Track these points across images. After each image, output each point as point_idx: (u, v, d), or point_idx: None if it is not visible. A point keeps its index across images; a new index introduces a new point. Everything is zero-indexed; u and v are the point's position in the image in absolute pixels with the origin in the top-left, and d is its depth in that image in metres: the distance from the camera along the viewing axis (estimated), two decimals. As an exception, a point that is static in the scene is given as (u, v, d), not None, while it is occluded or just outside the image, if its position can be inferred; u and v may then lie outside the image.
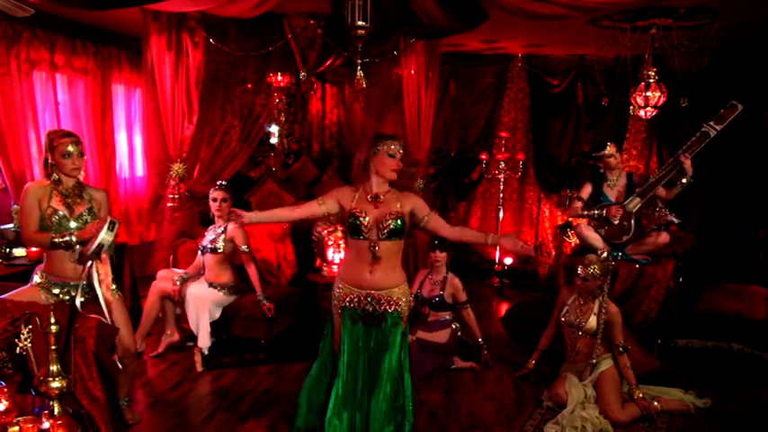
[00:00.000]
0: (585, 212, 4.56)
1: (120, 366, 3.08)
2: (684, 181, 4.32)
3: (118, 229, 2.96)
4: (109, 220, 2.88)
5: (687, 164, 4.28)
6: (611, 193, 4.59)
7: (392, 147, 2.84)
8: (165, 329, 4.42)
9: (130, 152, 6.08)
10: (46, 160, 3.05)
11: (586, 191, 4.66)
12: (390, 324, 2.89)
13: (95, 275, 2.99)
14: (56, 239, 2.96)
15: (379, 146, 2.84)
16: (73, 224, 3.01)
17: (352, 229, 2.85)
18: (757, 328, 4.51)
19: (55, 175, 3.03)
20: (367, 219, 2.81)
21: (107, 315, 2.95)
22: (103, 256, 2.98)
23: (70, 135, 3.07)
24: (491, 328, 5.25)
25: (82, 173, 3.11)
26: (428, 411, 3.68)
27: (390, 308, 2.88)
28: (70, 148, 3.00)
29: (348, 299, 2.90)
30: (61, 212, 2.99)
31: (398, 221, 2.82)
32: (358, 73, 4.20)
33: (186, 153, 4.80)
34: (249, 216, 2.86)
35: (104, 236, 2.85)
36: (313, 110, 7.61)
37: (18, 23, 4.51)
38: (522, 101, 7.21)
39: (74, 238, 2.97)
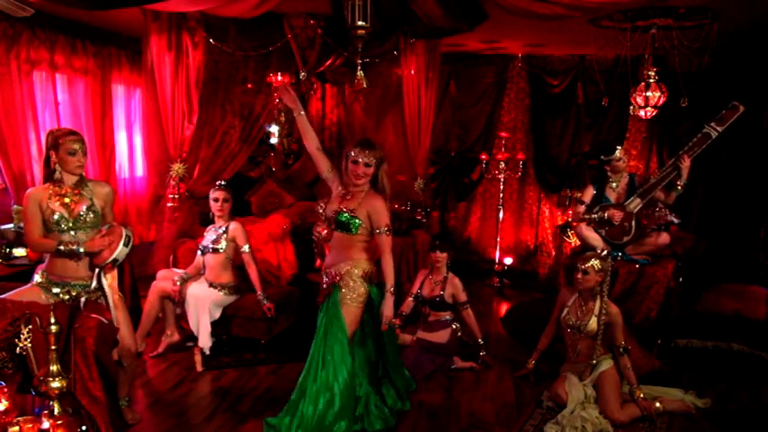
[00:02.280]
0: (587, 216, 4.55)
1: (120, 366, 3.09)
2: (680, 184, 4.32)
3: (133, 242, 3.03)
4: (125, 235, 2.92)
5: (686, 165, 4.27)
6: (612, 195, 4.58)
7: (356, 156, 3.07)
8: (165, 329, 4.41)
9: (130, 152, 6.09)
10: (48, 158, 3.04)
11: (588, 194, 4.62)
12: (334, 295, 3.16)
13: (104, 280, 3.04)
14: (61, 248, 2.96)
15: (348, 152, 3.10)
16: (72, 224, 3.01)
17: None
18: (757, 328, 4.50)
19: (57, 174, 3.03)
20: (324, 210, 3.19)
21: (114, 319, 2.97)
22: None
23: (75, 133, 3.08)
24: (491, 328, 5.26)
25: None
26: (428, 411, 3.68)
27: (336, 279, 3.15)
28: (75, 146, 3.01)
29: (324, 287, 3.25)
30: (58, 214, 2.99)
31: (343, 216, 3.07)
32: (358, 73, 4.20)
33: (186, 153, 4.80)
34: (297, 103, 3.24)
35: (121, 249, 2.91)
36: (313, 110, 7.61)
37: (18, 23, 4.51)
38: (522, 101, 7.21)
39: (81, 249, 2.97)
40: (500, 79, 7.18)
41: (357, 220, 3.07)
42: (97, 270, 3.03)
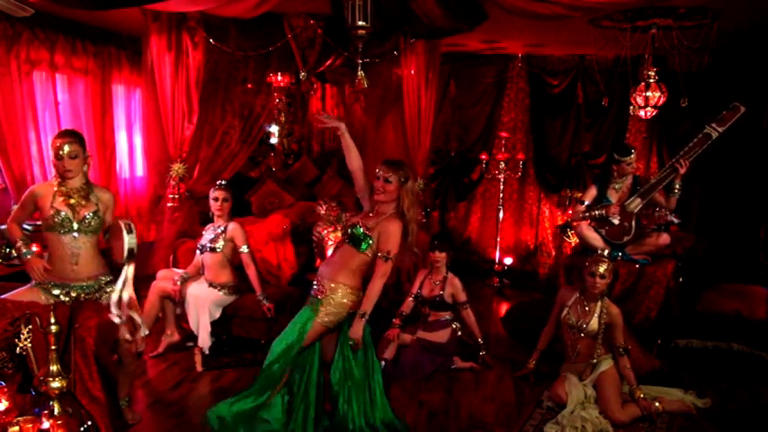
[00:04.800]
0: (587, 214, 4.55)
1: (120, 365, 3.10)
2: (676, 188, 4.32)
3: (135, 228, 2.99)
4: (124, 224, 2.88)
5: (681, 171, 4.27)
6: (614, 196, 4.56)
7: (378, 171, 3.09)
8: (165, 329, 4.41)
9: (130, 152, 6.08)
10: None
11: (591, 194, 4.60)
12: (309, 308, 3.15)
13: (130, 279, 3.00)
14: (18, 244, 3.10)
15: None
16: (76, 226, 3.01)
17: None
18: (757, 328, 4.51)
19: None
20: (346, 221, 3.22)
21: (117, 318, 2.96)
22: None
23: (64, 135, 3.04)
24: (491, 328, 5.26)
25: (84, 172, 3.10)
26: (428, 411, 3.68)
27: (318, 294, 3.14)
28: (61, 150, 2.97)
29: (312, 293, 3.26)
30: (63, 213, 2.99)
31: (358, 230, 3.06)
32: (359, 73, 4.20)
33: (186, 153, 4.80)
34: (341, 125, 3.18)
35: (129, 240, 2.87)
36: (313, 110, 7.62)
37: (18, 23, 4.51)
38: (522, 101, 7.21)
39: (28, 255, 3.08)
40: (500, 79, 7.18)
41: (370, 240, 3.04)
42: (124, 269, 2.96)
